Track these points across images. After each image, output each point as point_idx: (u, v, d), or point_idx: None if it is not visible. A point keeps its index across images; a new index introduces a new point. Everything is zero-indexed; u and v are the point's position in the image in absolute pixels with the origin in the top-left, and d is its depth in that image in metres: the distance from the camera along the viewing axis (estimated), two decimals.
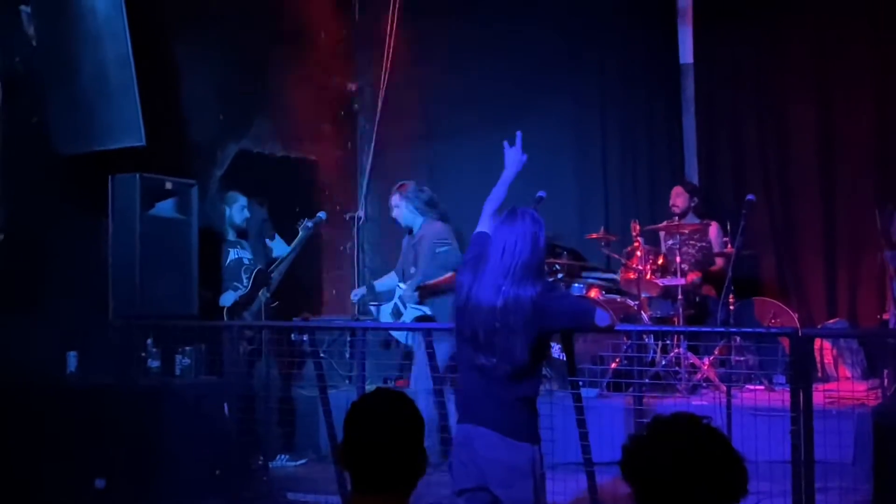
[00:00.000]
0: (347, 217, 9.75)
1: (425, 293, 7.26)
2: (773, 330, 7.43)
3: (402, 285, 7.42)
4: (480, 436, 4.09)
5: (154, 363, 6.75)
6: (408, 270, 7.51)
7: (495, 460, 4.07)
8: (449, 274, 7.02)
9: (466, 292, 4.10)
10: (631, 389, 6.43)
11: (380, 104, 9.78)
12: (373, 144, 9.92)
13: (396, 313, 7.38)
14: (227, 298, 7.47)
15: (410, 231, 7.60)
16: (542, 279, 4.16)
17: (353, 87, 10.12)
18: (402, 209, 7.55)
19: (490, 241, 4.15)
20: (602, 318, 4.16)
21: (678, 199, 8.52)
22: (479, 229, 4.36)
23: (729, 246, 7.89)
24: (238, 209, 7.68)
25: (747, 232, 7.09)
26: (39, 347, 6.40)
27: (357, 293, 8.34)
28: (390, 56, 9.63)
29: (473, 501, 4.17)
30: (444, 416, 5.85)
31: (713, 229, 8.47)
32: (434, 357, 6.09)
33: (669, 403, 6.75)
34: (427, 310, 7.27)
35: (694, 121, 9.46)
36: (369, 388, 6.14)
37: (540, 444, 4.17)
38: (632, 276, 7.97)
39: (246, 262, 7.66)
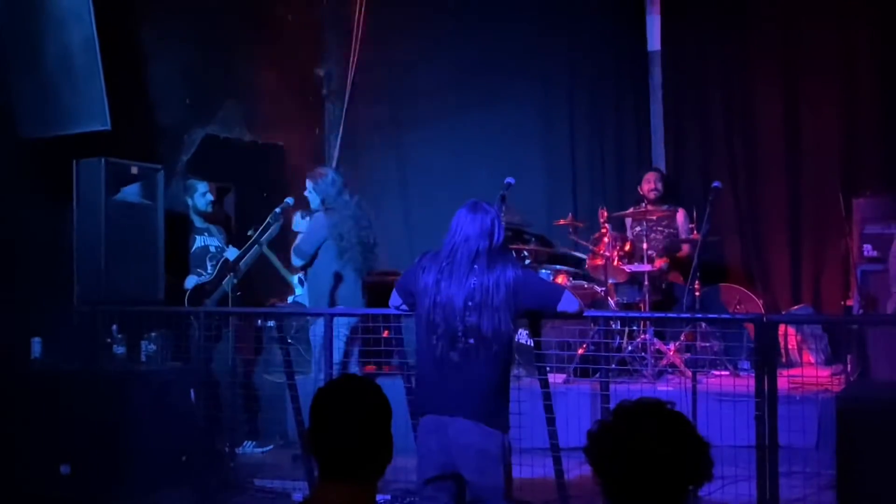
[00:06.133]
0: None
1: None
2: (738, 316, 7.51)
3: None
4: (453, 424, 4.15)
5: (119, 349, 6.68)
6: None
7: (468, 446, 4.15)
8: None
9: (435, 289, 4.23)
10: (597, 375, 6.45)
11: (348, 89, 9.74)
12: (341, 129, 9.88)
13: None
14: (189, 281, 7.39)
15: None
16: (513, 259, 4.29)
17: (321, 71, 10.06)
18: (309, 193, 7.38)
19: (453, 236, 4.29)
20: (571, 303, 4.38)
21: (658, 184, 8.56)
22: None
23: (695, 232, 7.92)
24: (199, 196, 7.56)
25: (713, 218, 7.13)
26: (3, 333, 6.34)
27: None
28: (359, 40, 9.59)
29: (440, 490, 4.22)
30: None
31: (680, 216, 8.52)
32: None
33: (636, 389, 6.78)
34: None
35: (661, 108, 9.51)
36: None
37: (509, 432, 4.27)
38: (599, 262, 7.99)
39: (213, 249, 7.57)
